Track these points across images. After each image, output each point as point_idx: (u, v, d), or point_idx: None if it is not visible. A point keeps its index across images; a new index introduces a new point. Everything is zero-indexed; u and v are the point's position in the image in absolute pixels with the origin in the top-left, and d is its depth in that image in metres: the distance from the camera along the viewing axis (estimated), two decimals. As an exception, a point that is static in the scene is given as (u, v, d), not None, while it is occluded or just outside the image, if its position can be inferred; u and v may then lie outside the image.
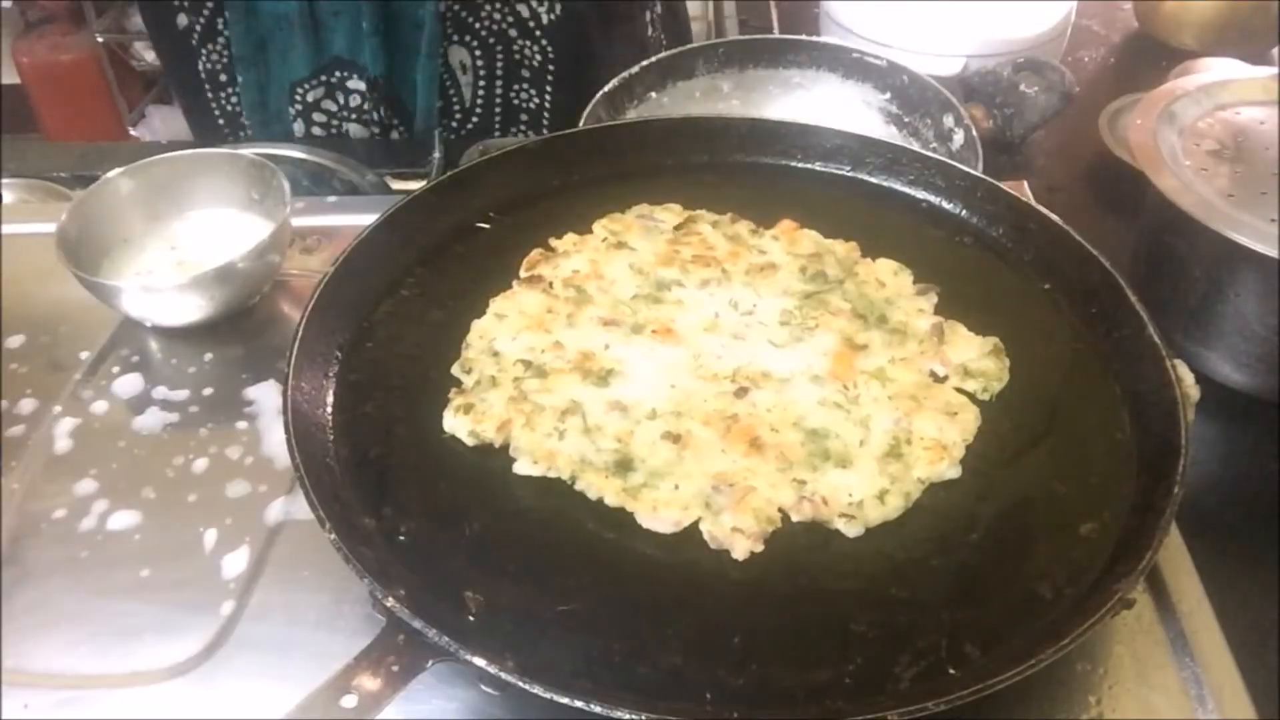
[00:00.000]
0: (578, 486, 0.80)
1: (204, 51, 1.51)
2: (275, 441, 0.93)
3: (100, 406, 0.98)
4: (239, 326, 1.07)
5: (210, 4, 1.45)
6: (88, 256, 1.06)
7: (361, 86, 1.50)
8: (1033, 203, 1.03)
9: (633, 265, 0.99)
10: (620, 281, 0.97)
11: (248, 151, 1.16)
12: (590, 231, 1.03)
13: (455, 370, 0.89)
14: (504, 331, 0.91)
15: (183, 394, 0.99)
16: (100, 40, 3.52)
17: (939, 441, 0.83)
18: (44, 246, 1.02)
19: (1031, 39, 1.59)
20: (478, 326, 0.92)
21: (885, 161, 1.10)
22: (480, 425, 0.83)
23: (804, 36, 1.40)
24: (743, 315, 0.94)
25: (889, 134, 1.31)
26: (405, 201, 1.01)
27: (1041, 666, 0.64)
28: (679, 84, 1.36)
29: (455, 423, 0.84)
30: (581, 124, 1.27)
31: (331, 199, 1.26)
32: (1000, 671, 0.64)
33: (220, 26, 1.47)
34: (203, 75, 1.53)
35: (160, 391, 1.00)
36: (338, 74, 1.50)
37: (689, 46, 1.38)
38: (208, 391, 1.00)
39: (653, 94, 1.35)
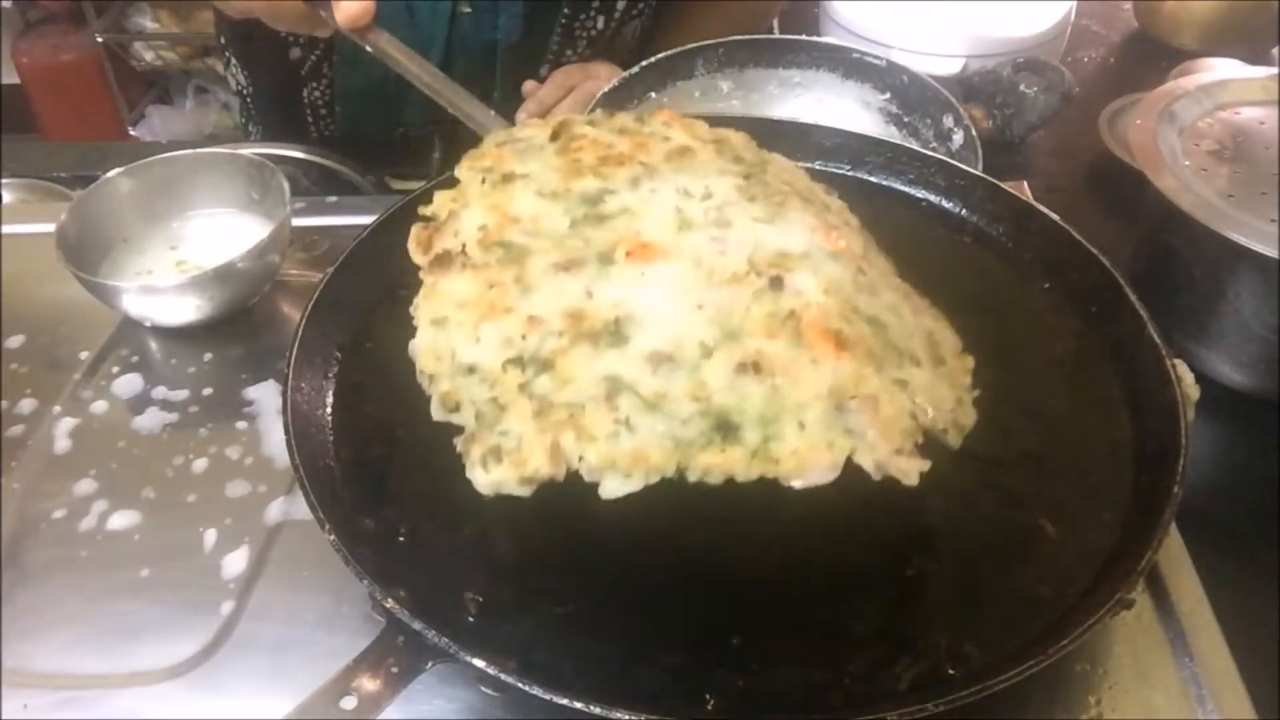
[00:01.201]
0: (692, 478, 0.62)
1: (309, 85, 1.50)
2: (275, 441, 0.93)
3: (100, 406, 0.98)
4: (239, 326, 1.07)
5: (322, 46, 1.44)
6: (88, 256, 1.06)
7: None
8: (1033, 202, 1.03)
9: (540, 193, 0.77)
10: (544, 216, 0.75)
11: (248, 151, 1.16)
12: (457, 182, 0.81)
13: (437, 414, 0.69)
14: (458, 337, 0.69)
15: (182, 394, 0.99)
16: (100, 40, 3.53)
17: (954, 349, 0.75)
18: (44, 246, 1.02)
19: (1031, 39, 1.59)
20: (422, 349, 0.71)
21: (885, 160, 1.10)
22: (528, 468, 0.63)
23: (804, 36, 1.40)
24: (704, 201, 0.76)
25: (889, 134, 1.31)
26: (405, 201, 1.01)
27: (1041, 666, 0.64)
28: (679, 84, 1.36)
29: (495, 478, 0.64)
30: (581, 124, 1.27)
31: (331, 199, 1.26)
32: (1000, 671, 0.64)
33: (325, 70, 1.47)
34: (305, 104, 1.52)
35: (160, 391, 1.00)
36: (449, 124, 1.50)
37: (689, 46, 1.37)
38: (207, 391, 1.00)
39: (652, 94, 1.35)
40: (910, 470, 0.63)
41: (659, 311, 0.68)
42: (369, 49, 0.98)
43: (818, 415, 0.63)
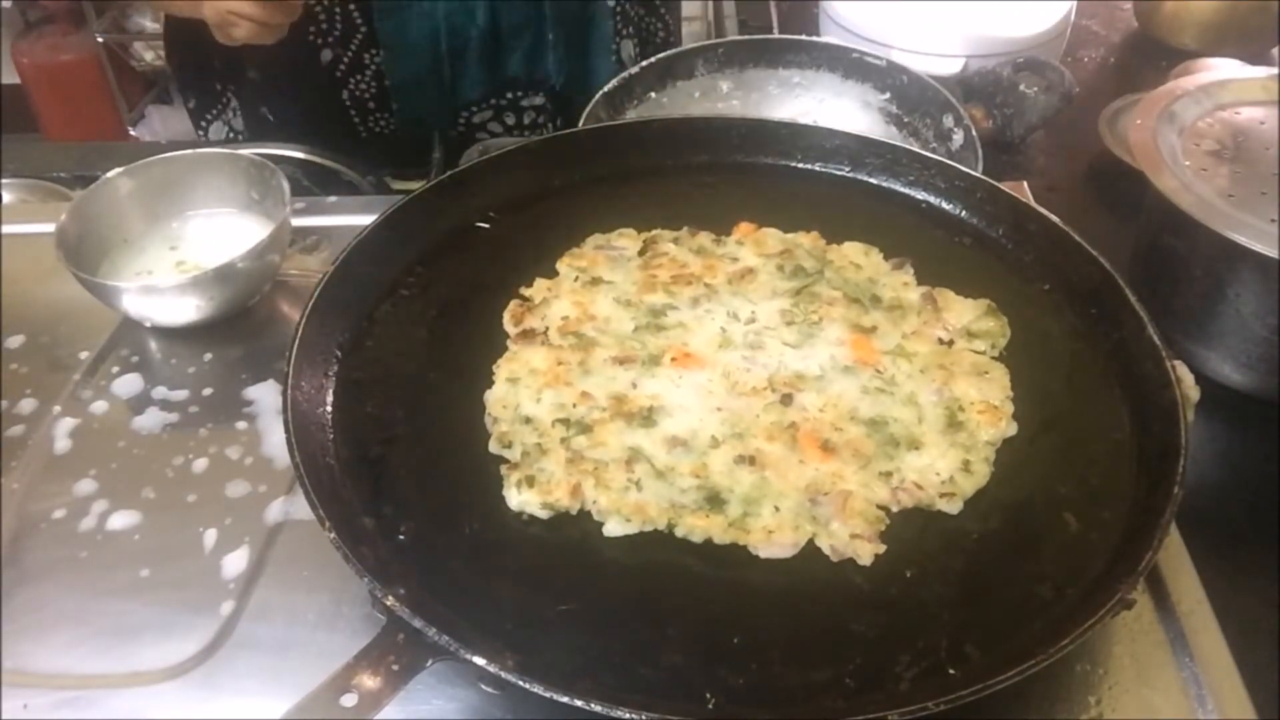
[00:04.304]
0: (679, 533, 0.77)
1: (351, 82, 1.47)
2: (275, 441, 0.93)
3: (100, 406, 0.98)
4: (239, 326, 1.07)
5: (359, 38, 1.42)
6: (88, 256, 1.06)
7: (539, 101, 1.49)
8: (1033, 204, 1.03)
9: (618, 299, 0.96)
10: (615, 318, 0.94)
11: (248, 152, 1.16)
12: (556, 273, 1.00)
13: (494, 447, 0.83)
14: (524, 395, 0.87)
15: (183, 394, 0.99)
16: (100, 40, 3.53)
17: (988, 403, 0.85)
18: (44, 246, 1.02)
19: (1031, 39, 1.59)
20: (495, 398, 0.87)
21: (885, 162, 1.10)
22: (552, 496, 0.78)
23: (804, 36, 1.40)
24: (747, 325, 0.93)
25: (888, 134, 1.31)
26: (405, 201, 1.01)
27: (1041, 666, 0.64)
28: (679, 84, 1.36)
29: (524, 498, 0.79)
30: (581, 124, 1.27)
31: (331, 199, 1.26)
32: (1000, 671, 0.64)
33: (367, 60, 1.44)
34: (348, 103, 1.49)
35: (160, 391, 1.00)
36: (510, 94, 1.48)
37: (689, 46, 1.37)
38: (208, 391, 1.00)
39: (652, 94, 1.35)
40: (864, 552, 0.76)
41: (685, 408, 0.86)
42: None
43: (793, 503, 0.79)
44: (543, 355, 0.90)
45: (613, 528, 0.78)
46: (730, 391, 0.87)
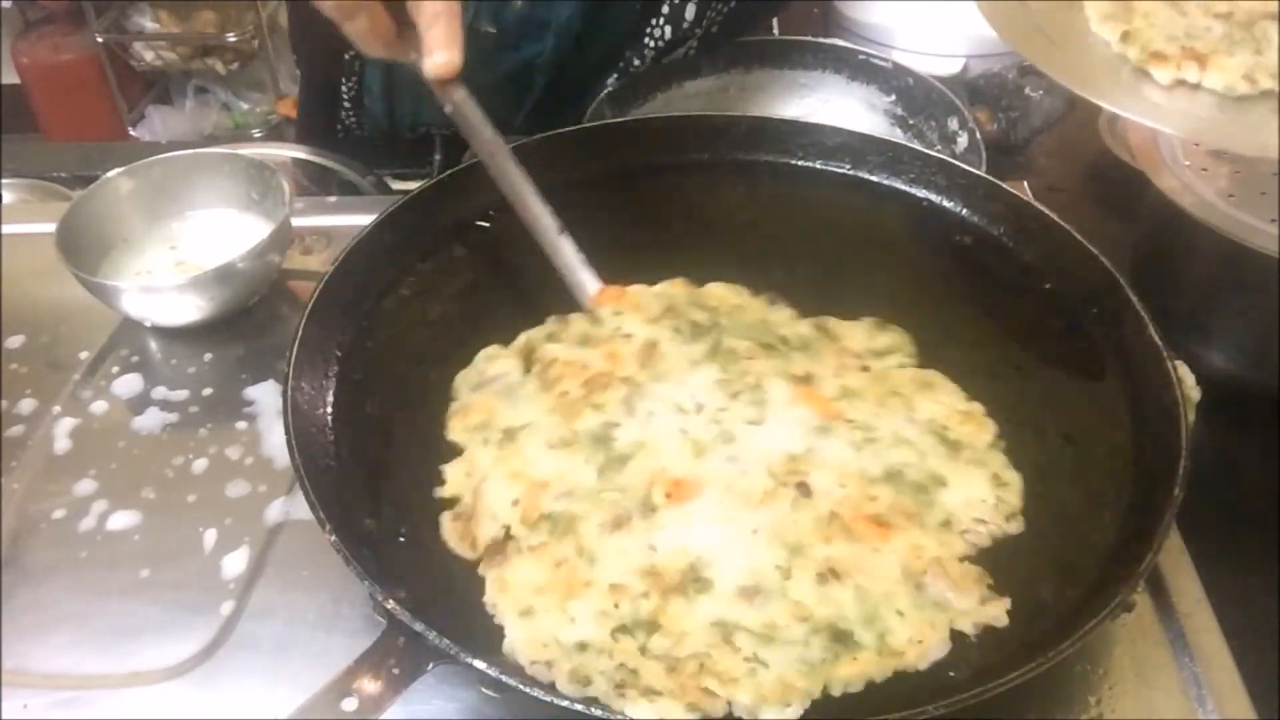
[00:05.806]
0: (835, 691, 0.67)
1: (347, 80, 1.45)
2: (275, 441, 0.93)
3: (100, 406, 0.98)
4: (239, 326, 1.07)
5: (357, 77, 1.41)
6: (88, 256, 1.06)
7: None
8: (1034, 202, 1.03)
9: (550, 444, 0.81)
10: (566, 472, 0.78)
11: (247, 151, 1.16)
12: (459, 449, 0.83)
13: (570, 690, 0.67)
14: (552, 623, 0.70)
15: (182, 394, 0.99)
16: (100, 40, 3.53)
17: (960, 412, 0.83)
18: (44, 246, 1.01)
19: (1032, 39, 1.58)
20: (525, 644, 0.69)
21: (886, 160, 1.10)
22: (680, 711, 0.65)
23: (809, 38, 1.40)
24: (699, 415, 0.82)
25: (893, 136, 1.31)
26: (405, 201, 1.01)
27: (1042, 669, 0.64)
28: (684, 84, 1.36)
29: (660, 707, 0.65)
30: (584, 123, 1.27)
31: (331, 199, 1.26)
32: (1000, 673, 0.64)
33: (356, 66, 1.41)
34: (340, 130, 1.48)
35: (160, 391, 1.00)
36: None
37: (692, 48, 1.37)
38: (207, 391, 1.00)
39: (658, 94, 1.35)
40: (998, 614, 0.71)
41: (721, 547, 0.73)
42: (446, 107, 0.93)
43: (907, 601, 0.71)
44: (531, 566, 0.73)
45: (771, 713, 0.65)
46: (746, 505, 0.76)
